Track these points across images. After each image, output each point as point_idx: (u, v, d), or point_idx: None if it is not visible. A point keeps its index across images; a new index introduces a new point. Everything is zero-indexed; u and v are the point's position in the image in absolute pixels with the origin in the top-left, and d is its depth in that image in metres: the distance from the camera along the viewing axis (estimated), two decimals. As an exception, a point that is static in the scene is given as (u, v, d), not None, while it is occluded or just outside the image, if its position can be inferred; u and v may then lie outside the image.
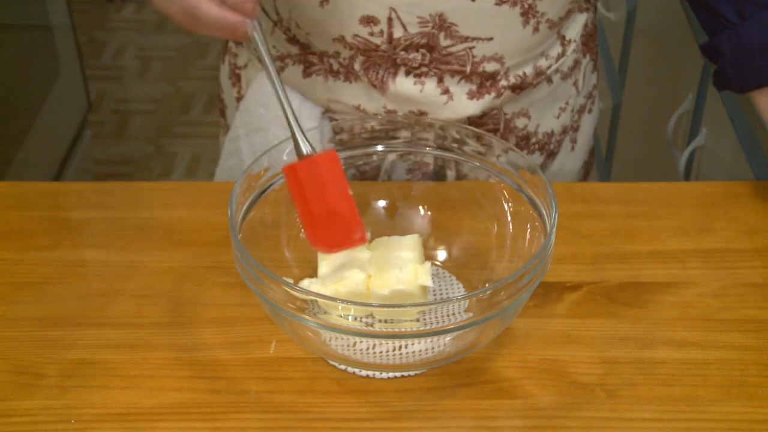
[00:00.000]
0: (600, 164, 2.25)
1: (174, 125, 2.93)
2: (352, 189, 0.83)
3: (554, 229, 0.79)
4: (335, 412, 0.78)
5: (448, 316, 0.79)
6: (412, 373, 0.81)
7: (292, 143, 0.85)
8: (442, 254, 0.92)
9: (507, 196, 0.89)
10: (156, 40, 3.34)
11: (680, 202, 1.00)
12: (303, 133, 0.82)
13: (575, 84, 1.10)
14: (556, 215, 0.80)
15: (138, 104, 3.02)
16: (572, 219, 0.97)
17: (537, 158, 1.10)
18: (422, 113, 1.01)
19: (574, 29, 1.06)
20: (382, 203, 0.94)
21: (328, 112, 1.05)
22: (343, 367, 0.81)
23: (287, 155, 0.88)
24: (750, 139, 1.27)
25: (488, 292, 0.74)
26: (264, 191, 0.87)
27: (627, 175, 2.01)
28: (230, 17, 0.79)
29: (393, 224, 0.92)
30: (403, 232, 0.90)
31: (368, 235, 0.86)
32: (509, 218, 0.89)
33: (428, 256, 0.91)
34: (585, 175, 1.22)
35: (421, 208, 0.94)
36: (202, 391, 0.79)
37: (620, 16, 2.03)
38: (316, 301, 0.74)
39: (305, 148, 0.82)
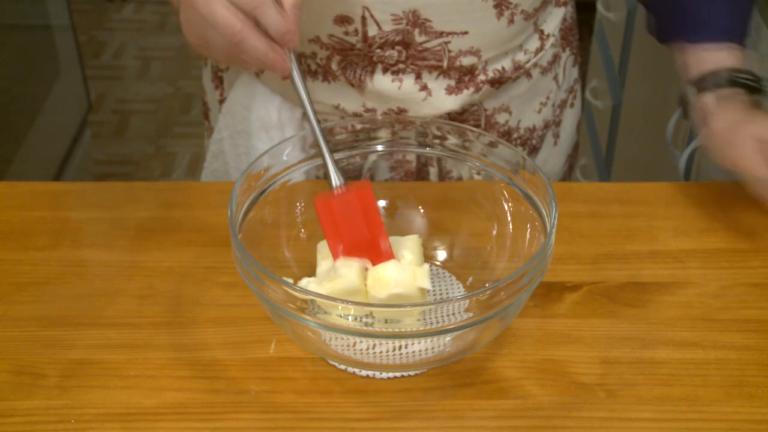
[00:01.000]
0: (600, 164, 2.25)
1: (174, 125, 2.93)
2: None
3: (554, 229, 0.79)
4: (335, 412, 0.78)
5: (448, 316, 0.79)
6: (412, 373, 0.81)
7: (291, 145, 0.88)
8: (442, 254, 0.92)
9: (507, 196, 0.89)
10: (156, 40, 3.34)
11: (680, 202, 1.00)
12: (336, 167, 0.83)
13: (555, 78, 1.10)
14: (556, 215, 0.80)
15: (138, 104, 3.02)
16: (572, 219, 0.97)
17: None
18: (401, 110, 1.01)
19: (552, 23, 1.06)
20: (382, 203, 0.94)
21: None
22: (343, 367, 0.81)
23: (287, 155, 0.88)
24: (750, 139, 1.27)
25: (488, 292, 0.74)
26: (264, 191, 0.87)
27: (627, 175, 2.01)
28: (275, 51, 0.78)
29: (393, 224, 0.92)
30: (403, 232, 0.90)
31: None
32: (509, 218, 0.89)
33: (428, 256, 0.91)
34: (569, 169, 1.22)
35: (421, 207, 0.94)
36: (202, 391, 0.79)
37: (620, 16, 2.03)
38: (316, 301, 0.74)
39: (338, 181, 0.83)
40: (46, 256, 0.93)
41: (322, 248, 0.85)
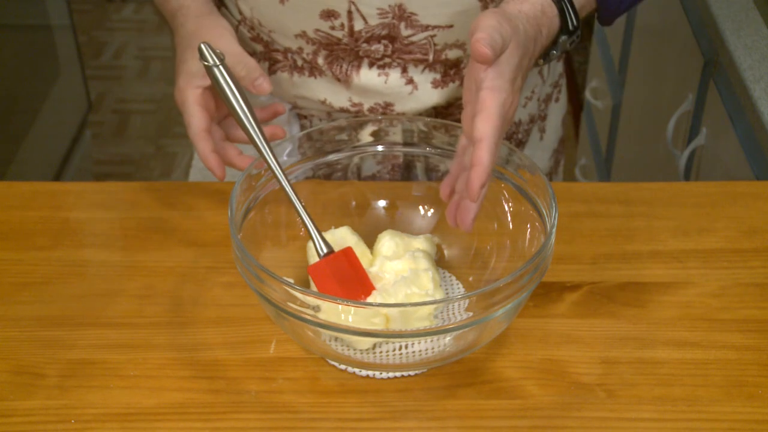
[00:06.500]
0: (600, 164, 2.25)
1: (174, 125, 2.93)
2: (349, 187, 0.85)
3: (554, 229, 0.79)
4: (335, 412, 0.78)
5: (448, 316, 0.79)
6: (412, 373, 0.81)
7: (291, 145, 0.89)
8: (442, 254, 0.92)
9: (507, 196, 0.89)
10: (156, 40, 3.34)
11: (680, 202, 1.00)
12: (320, 236, 0.83)
13: (540, 73, 1.11)
14: (556, 215, 0.80)
15: (138, 104, 3.02)
16: (572, 219, 0.97)
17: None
18: (388, 105, 1.02)
19: None
20: (382, 203, 0.94)
21: (295, 108, 1.06)
22: (343, 367, 0.81)
23: (287, 155, 0.88)
24: (750, 139, 1.27)
25: (488, 292, 0.74)
26: (264, 191, 0.87)
27: (627, 175, 2.01)
28: (216, 158, 0.90)
29: (393, 224, 0.92)
30: (404, 231, 0.90)
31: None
32: (509, 218, 0.89)
33: (428, 256, 0.90)
34: (555, 164, 1.22)
35: (421, 207, 0.94)
36: (202, 391, 0.79)
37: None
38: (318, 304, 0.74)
39: (325, 249, 0.83)
40: (46, 256, 0.93)
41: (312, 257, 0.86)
